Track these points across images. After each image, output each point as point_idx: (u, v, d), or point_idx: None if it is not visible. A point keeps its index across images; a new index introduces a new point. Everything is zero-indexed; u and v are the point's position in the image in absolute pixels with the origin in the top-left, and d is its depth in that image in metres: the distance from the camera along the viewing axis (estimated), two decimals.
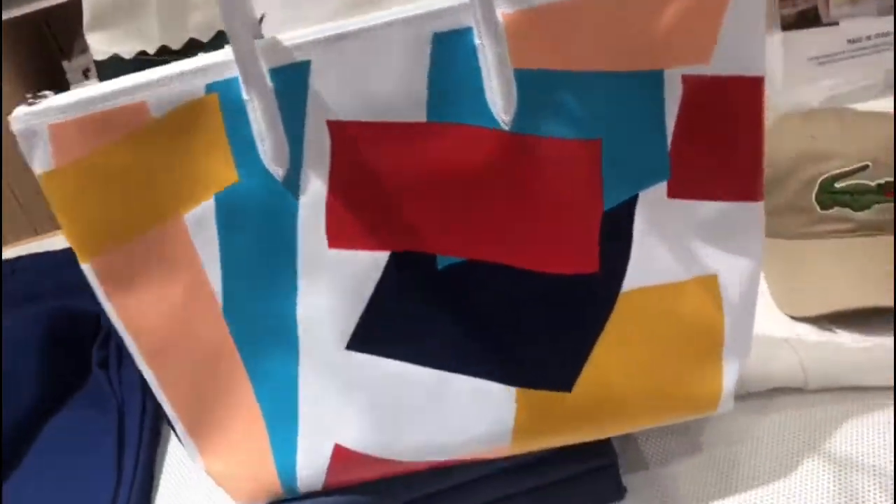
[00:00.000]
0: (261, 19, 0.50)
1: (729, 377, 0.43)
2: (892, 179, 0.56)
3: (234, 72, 0.37)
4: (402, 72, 0.37)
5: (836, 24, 0.73)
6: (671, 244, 0.40)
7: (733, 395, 0.43)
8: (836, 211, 0.57)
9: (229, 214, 0.39)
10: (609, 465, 0.46)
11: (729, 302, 0.41)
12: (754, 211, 0.41)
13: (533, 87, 0.37)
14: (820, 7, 0.72)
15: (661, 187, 0.39)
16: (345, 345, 0.41)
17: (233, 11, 0.36)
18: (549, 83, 0.37)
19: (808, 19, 0.73)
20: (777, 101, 0.69)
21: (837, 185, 0.56)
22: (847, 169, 0.56)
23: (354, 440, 0.43)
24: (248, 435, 0.44)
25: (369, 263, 0.39)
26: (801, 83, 0.73)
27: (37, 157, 0.39)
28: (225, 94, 0.37)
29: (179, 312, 0.42)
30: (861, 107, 0.64)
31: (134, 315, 0.42)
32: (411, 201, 0.39)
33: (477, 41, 0.36)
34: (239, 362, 0.43)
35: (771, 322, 0.55)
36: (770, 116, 0.62)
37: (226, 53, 0.37)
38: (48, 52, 2.02)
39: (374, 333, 0.41)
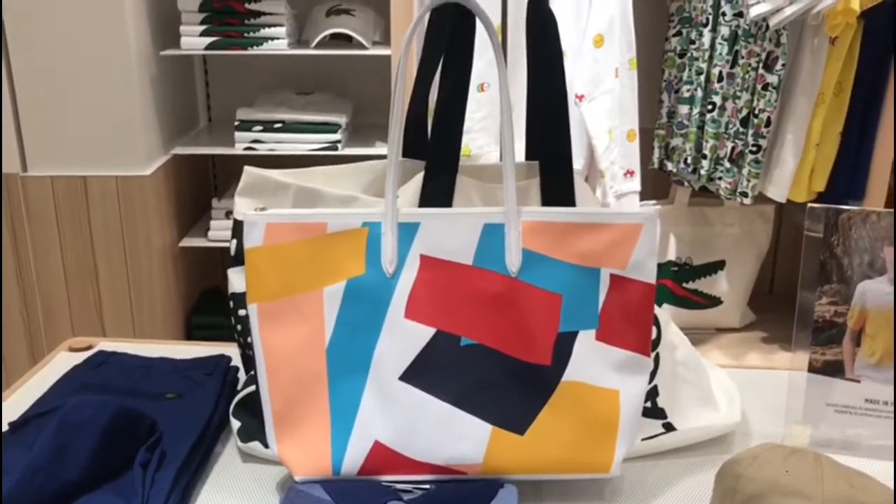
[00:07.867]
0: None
1: (619, 453, 0.70)
2: None
3: (380, 219, 0.69)
4: (465, 238, 0.69)
5: (858, 381, 0.80)
6: (595, 365, 0.70)
7: (620, 465, 0.70)
8: None
9: (352, 292, 0.69)
10: None
11: (624, 409, 0.70)
12: (645, 361, 0.71)
13: (529, 258, 0.69)
14: (846, 362, 0.80)
15: (593, 332, 0.70)
16: (398, 377, 0.68)
17: (391, 205, 0.69)
18: (538, 259, 0.69)
19: (833, 369, 0.80)
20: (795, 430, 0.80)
21: None
22: None
23: (388, 439, 0.68)
24: (317, 430, 0.69)
25: (424, 332, 0.69)
26: (817, 424, 0.81)
27: (251, 238, 0.69)
28: (371, 229, 0.69)
29: (299, 346, 0.69)
30: (859, 463, 0.67)
31: (271, 343, 0.68)
32: (454, 304, 0.69)
33: (506, 231, 0.69)
34: (325, 382, 0.69)
35: None
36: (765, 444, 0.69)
37: (376, 210, 0.70)
38: (206, 185, 2.44)
39: (419, 373, 0.69)
